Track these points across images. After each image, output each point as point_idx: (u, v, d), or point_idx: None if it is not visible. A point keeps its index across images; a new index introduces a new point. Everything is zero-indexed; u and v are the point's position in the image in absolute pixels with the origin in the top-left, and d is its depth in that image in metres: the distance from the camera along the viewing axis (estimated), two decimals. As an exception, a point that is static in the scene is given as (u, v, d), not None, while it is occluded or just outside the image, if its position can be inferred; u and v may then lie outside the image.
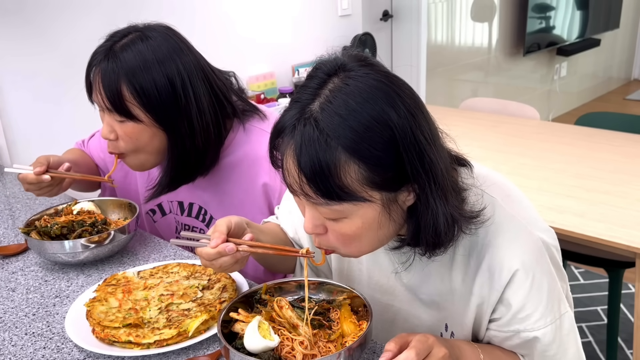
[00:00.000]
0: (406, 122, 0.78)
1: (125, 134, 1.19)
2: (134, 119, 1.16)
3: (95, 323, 1.04)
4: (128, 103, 1.15)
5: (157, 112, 1.16)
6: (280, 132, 0.81)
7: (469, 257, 0.93)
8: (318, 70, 0.82)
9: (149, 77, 1.13)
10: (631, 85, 6.42)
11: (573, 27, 5.04)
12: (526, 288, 0.89)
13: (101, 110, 1.22)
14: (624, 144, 2.20)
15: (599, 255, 2.04)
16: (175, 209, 1.39)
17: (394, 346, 0.81)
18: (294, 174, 0.79)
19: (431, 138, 0.81)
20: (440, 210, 0.82)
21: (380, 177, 0.78)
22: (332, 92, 0.78)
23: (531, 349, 0.94)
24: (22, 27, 1.80)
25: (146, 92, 1.13)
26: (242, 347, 0.89)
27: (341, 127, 0.76)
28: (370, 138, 0.76)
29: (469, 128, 2.49)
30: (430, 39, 3.80)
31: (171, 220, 1.45)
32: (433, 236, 0.84)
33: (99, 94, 1.17)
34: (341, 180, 0.77)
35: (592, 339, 2.45)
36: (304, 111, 0.79)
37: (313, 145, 0.76)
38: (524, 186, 1.88)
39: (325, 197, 0.79)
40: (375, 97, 0.77)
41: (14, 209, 1.62)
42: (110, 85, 1.14)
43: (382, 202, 0.81)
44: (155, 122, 1.17)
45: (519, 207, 0.96)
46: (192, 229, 1.41)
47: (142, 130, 1.18)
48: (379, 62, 0.84)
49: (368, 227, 0.83)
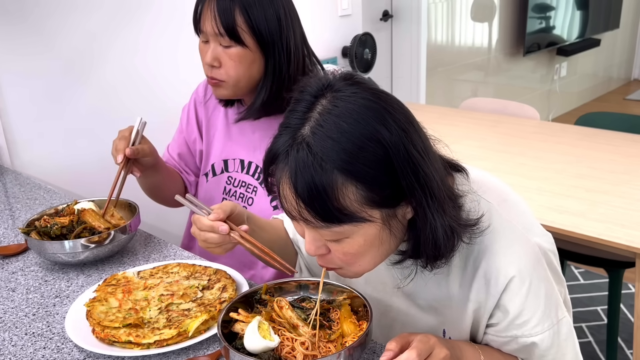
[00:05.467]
0: (398, 139, 0.77)
1: (230, 57, 1.31)
2: (240, 44, 1.29)
3: (95, 323, 1.04)
4: (239, 28, 1.28)
5: (263, 38, 1.30)
6: (274, 159, 0.80)
7: (465, 263, 0.93)
8: (304, 92, 0.81)
9: (260, 8, 1.29)
10: (631, 85, 6.43)
11: (573, 27, 5.04)
12: (523, 294, 0.89)
13: (204, 42, 1.34)
14: (624, 144, 2.20)
15: (599, 255, 2.04)
16: (237, 167, 1.50)
17: (395, 346, 0.81)
18: (292, 200, 0.79)
19: (424, 151, 0.81)
20: (438, 222, 0.82)
21: (378, 196, 0.78)
22: (322, 114, 0.78)
23: (529, 353, 0.94)
24: (23, 27, 1.79)
25: (257, 21, 1.28)
26: (242, 347, 0.89)
27: (334, 150, 0.75)
28: (365, 158, 0.76)
29: (469, 128, 2.49)
30: (430, 39, 3.80)
31: (222, 179, 1.53)
32: (433, 249, 0.84)
33: (213, 20, 1.28)
34: (339, 202, 0.77)
35: (592, 339, 2.45)
36: (296, 136, 0.78)
37: (308, 170, 0.76)
38: (524, 186, 1.88)
39: (325, 221, 0.78)
40: (365, 117, 0.77)
41: (14, 209, 1.62)
42: (226, 12, 1.27)
43: (382, 219, 0.81)
44: (259, 48, 1.31)
45: (516, 212, 0.96)
46: (247, 185, 1.48)
47: (246, 54, 1.30)
48: (365, 79, 0.84)
49: (370, 244, 0.83)
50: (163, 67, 2.16)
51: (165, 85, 2.16)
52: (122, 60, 2.05)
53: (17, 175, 1.82)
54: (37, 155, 1.91)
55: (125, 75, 2.06)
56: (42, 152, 1.92)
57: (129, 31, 2.04)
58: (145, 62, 2.11)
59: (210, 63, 1.33)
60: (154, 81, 2.14)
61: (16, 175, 1.82)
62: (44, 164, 1.91)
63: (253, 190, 1.47)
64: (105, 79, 2.01)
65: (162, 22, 2.13)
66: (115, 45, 2.02)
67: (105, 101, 2.02)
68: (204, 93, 1.56)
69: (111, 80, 2.02)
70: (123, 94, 2.06)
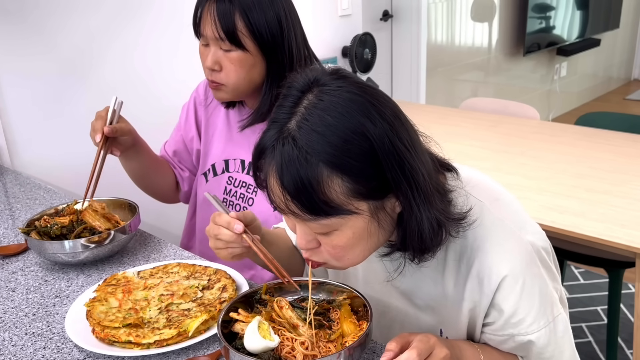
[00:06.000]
0: (383, 131, 0.78)
1: (230, 62, 1.31)
2: (241, 48, 1.28)
3: (95, 323, 1.04)
4: (239, 33, 1.27)
5: (264, 42, 1.29)
6: (262, 154, 0.81)
7: (459, 262, 0.93)
8: (291, 88, 0.82)
9: (260, 11, 1.28)
10: (631, 85, 6.43)
11: (573, 27, 5.04)
12: (517, 293, 0.89)
13: (204, 46, 1.33)
14: (624, 144, 2.20)
15: (599, 255, 2.04)
16: (238, 167, 1.51)
17: (396, 346, 0.81)
18: (279, 194, 0.79)
19: (411, 144, 0.81)
20: (424, 215, 0.82)
21: (365, 188, 0.79)
22: (308, 109, 0.79)
23: (527, 351, 0.95)
24: (23, 27, 1.79)
25: (257, 24, 1.28)
26: (242, 347, 0.89)
27: (319, 143, 0.76)
28: (350, 150, 0.77)
29: (469, 128, 2.49)
30: (430, 39, 3.80)
31: (223, 179, 1.53)
32: (419, 242, 0.84)
33: (213, 24, 1.28)
34: (326, 195, 0.77)
35: (592, 339, 2.45)
36: (282, 130, 0.79)
37: (293, 163, 0.77)
38: (524, 186, 1.88)
39: (313, 214, 0.79)
40: (350, 110, 0.78)
41: (14, 209, 1.62)
42: (226, 16, 1.27)
43: (369, 211, 0.81)
44: (259, 52, 1.30)
45: (508, 211, 0.96)
46: (248, 185, 1.49)
47: (246, 58, 1.30)
48: (351, 74, 0.84)
49: (359, 237, 0.83)
50: (163, 68, 2.16)
51: (164, 86, 2.16)
52: (122, 60, 2.05)
53: (17, 175, 1.82)
54: (37, 155, 1.91)
55: (125, 75, 2.06)
56: (42, 152, 1.92)
57: (129, 32, 2.04)
58: (145, 63, 2.11)
59: (210, 67, 1.33)
60: (153, 82, 2.14)
61: (16, 175, 1.82)
62: (44, 164, 1.91)
63: (254, 191, 1.47)
64: (105, 79, 2.01)
65: (162, 23, 2.13)
66: (115, 46, 2.02)
67: (106, 101, 2.01)
68: (204, 93, 1.56)
69: (111, 80, 2.02)
70: (123, 95, 2.05)
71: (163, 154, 1.61)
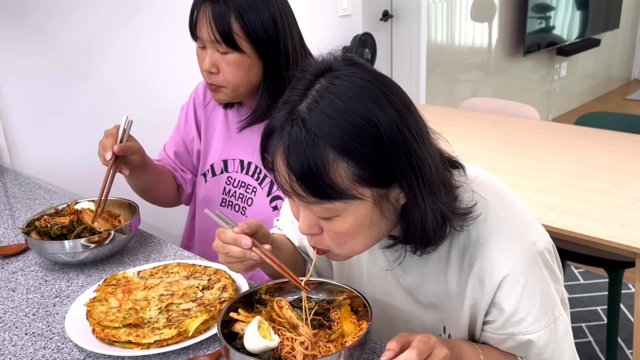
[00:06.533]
0: (392, 120, 0.78)
1: (227, 64, 1.31)
2: (237, 50, 1.29)
3: (95, 323, 1.04)
4: (235, 35, 1.27)
5: (260, 43, 1.29)
6: (270, 134, 0.82)
7: (462, 259, 0.93)
8: (305, 72, 0.83)
9: (255, 12, 1.28)
10: (631, 85, 6.43)
11: (573, 27, 5.04)
12: (518, 292, 0.89)
13: (201, 48, 1.33)
14: (624, 144, 2.20)
15: (599, 255, 2.04)
16: (237, 167, 1.51)
17: (396, 345, 0.81)
18: (285, 175, 0.80)
19: (419, 135, 0.82)
20: (428, 207, 0.82)
21: (369, 174, 0.79)
22: (319, 92, 0.79)
23: (527, 351, 0.95)
24: (23, 27, 1.79)
25: (253, 25, 1.28)
26: (242, 347, 0.89)
27: (328, 126, 0.77)
28: (357, 136, 0.77)
29: (469, 128, 2.49)
30: (430, 39, 3.80)
31: (222, 180, 1.53)
32: (422, 234, 0.85)
33: (208, 27, 1.28)
34: (330, 178, 0.78)
35: (592, 338, 2.45)
36: (292, 112, 0.79)
37: (301, 145, 0.77)
38: (524, 186, 1.88)
39: (316, 196, 0.79)
40: (361, 96, 0.78)
41: (14, 209, 1.62)
42: (222, 18, 1.27)
43: (373, 199, 0.82)
44: (256, 53, 1.30)
45: (513, 211, 0.96)
46: (247, 185, 1.48)
47: (243, 60, 1.30)
48: (365, 62, 0.85)
49: (361, 224, 0.84)
50: (162, 68, 2.16)
51: (164, 86, 2.16)
52: (122, 60, 2.05)
53: (17, 175, 1.82)
54: (37, 155, 1.91)
55: (125, 76, 2.06)
56: (42, 152, 1.92)
57: (129, 32, 2.04)
58: (145, 63, 2.11)
59: (208, 69, 1.33)
60: (153, 82, 2.14)
61: (16, 175, 1.82)
62: (44, 164, 1.91)
63: (252, 191, 1.47)
64: (105, 80, 2.01)
65: (162, 23, 2.13)
66: (115, 46, 2.02)
67: (105, 101, 2.02)
68: (203, 93, 1.56)
69: (111, 80, 2.02)
70: (123, 95, 2.06)
71: (163, 157, 1.60)
